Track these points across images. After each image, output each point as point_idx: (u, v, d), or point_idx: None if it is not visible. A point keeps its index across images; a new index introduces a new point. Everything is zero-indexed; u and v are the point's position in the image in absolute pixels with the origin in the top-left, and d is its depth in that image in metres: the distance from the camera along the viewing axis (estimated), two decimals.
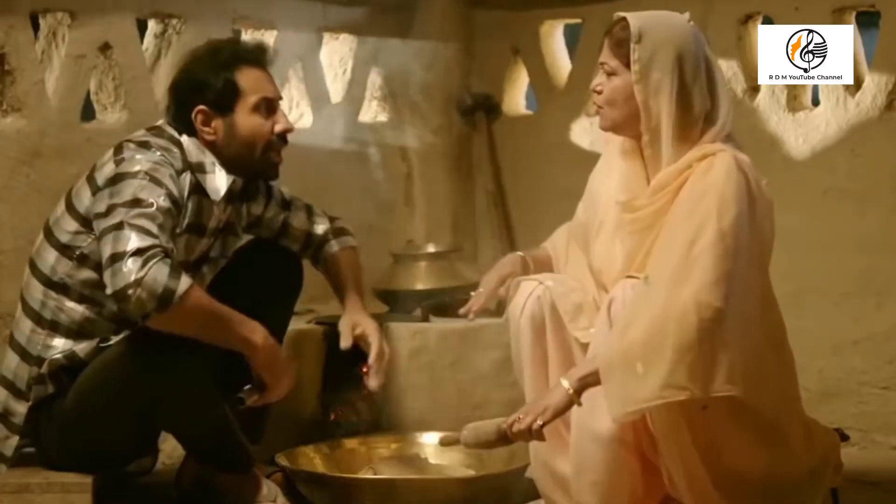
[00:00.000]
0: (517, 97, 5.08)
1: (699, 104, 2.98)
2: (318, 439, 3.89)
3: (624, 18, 3.01)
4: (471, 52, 5.04)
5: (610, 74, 3.03)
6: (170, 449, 3.71)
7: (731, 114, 3.04)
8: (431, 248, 4.56)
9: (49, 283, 3.28)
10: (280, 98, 3.43)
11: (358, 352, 3.62)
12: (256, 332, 3.22)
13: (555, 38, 4.92)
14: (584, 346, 3.05)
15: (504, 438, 2.98)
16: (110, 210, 3.14)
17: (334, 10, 4.76)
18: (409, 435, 3.88)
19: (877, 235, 4.08)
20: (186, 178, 3.30)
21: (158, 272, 3.02)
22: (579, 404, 2.91)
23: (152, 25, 4.37)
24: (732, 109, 3.06)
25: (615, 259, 3.05)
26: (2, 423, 3.34)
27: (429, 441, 3.81)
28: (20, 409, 3.31)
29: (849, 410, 4.11)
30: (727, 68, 4.34)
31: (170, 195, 3.18)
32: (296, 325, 4.19)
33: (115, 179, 3.19)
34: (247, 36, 4.63)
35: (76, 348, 3.26)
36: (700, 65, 2.98)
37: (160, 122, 3.41)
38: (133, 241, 3.05)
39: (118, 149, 3.28)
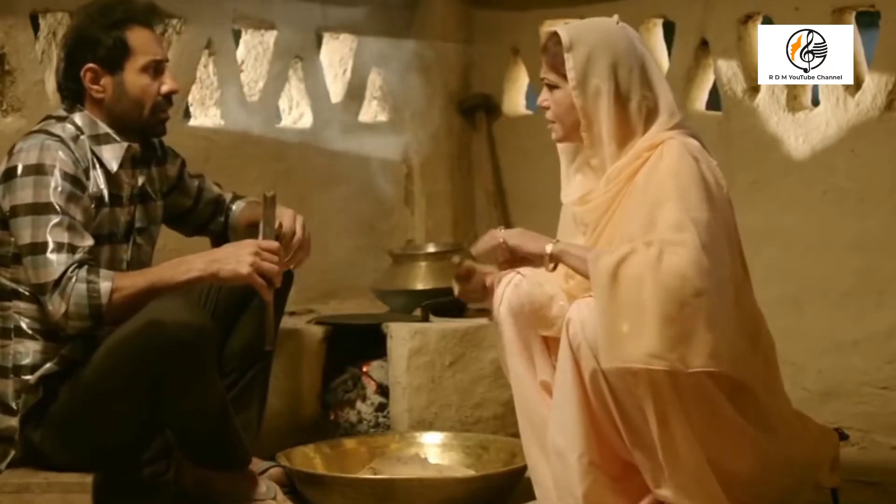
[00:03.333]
0: (517, 97, 5.08)
1: (637, 103, 3.03)
2: (318, 439, 3.89)
3: (556, 32, 3.07)
4: (471, 52, 5.03)
5: (552, 88, 3.09)
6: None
7: (675, 105, 3.08)
8: (431, 248, 4.56)
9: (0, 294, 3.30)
10: (167, 60, 3.43)
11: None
12: (193, 267, 3.23)
13: None
14: (553, 341, 3.10)
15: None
16: (15, 213, 3.19)
17: (334, 10, 4.76)
18: (409, 435, 3.88)
19: (877, 235, 4.08)
20: (85, 143, 3.31)
21: (78, 297, 3.14)
22: (549, 269, 3.02)
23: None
24: (674, 100, 3.09)
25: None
26: (6, 432, 3.32)
27: (429, 441, 3.82)
28: (13, 423, 3.30)
29: (849, 410, 4.11)
30: (727, 68, 4.34)
31: (65, 174, 3.22)
32: (296, 325, 4.19)
33: (8, 174, 3.23)
34: (247, 36, 4.64)
35: (63, 351, 3.27)
36: (633, 64, 3.04)
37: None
38: (51, 268, 3.15)
39: (13, 146, 3.30)
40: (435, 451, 3.78)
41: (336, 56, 4.88)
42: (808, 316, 4.12)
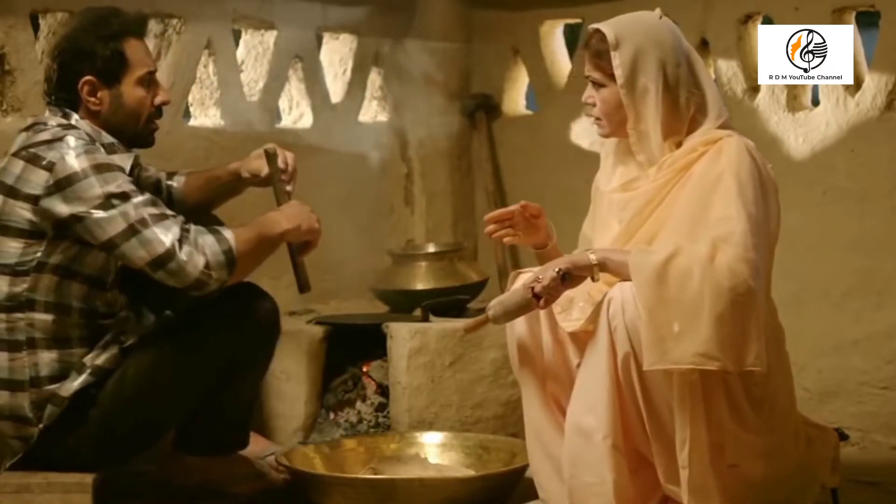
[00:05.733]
0: (517, 97, 5.07)
1: (685, 99, 3.02)
2: (318, 439, 3.89)
3: (599, 30, 3.05)
4: (471, 52, 5.03)
5: (598, 86, 3.08)
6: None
7: (722, 102, 3.08)
8: (431, 248, 4.57)
9: (10, 307, 3.26)
10: (156, 70, 3.46)
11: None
12: (281, 222, 3.33)
13: (555, 38, 4.92)
14: (573, 336, 3.08)
15: (532, 300, 2.98)
16: (89, 214, 3.17)
17: (334, 10, 4.76)
18: (409, 435, 3.88)
19: (877, 235, 4.08)
20: (102, 151, 3.32)
21: (211, 246, 3.19)
22: (594, 279, 2.95)
23: (152, 25, 4.37)
24: (721, 97, 3.10)
25: (612, 240, 3.08)
26: (20, 441, 3.33)
27: (429, 441, 3.82)
28: (31, 433, 3.29)
29: (849, 410, 4.11)
30: (727, 68, 4.35)
31: (118, 166, 3.24)
32: (296, 325, 4.20)
33: (66, 182, 3.19)
34: (247, 36, 4.64)
35: (98, 362, 3.28)
36: (681, 61, 3.03)
37: (31, 119, 3.39)
38: (166, 234, 3.16)
39: (34, 157, 3.23)
40: (435, 451, 3.78)
41: (336, 56, 4.88)
42: (808, 316, 4.12)
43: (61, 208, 3.18)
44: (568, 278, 2.95)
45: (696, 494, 2.91)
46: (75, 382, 3.27)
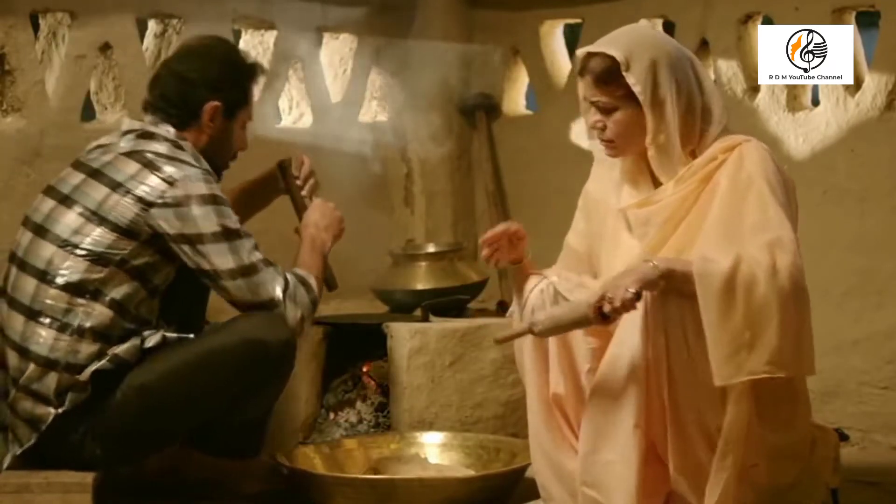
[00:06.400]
0: (517, 97, 5.07)
1: (697, 103, 3.02)
2: (318, 439, 3.89)
3: (597, 54, 3.01)
4: (471, 52, 5.03)
5: (609, 111, 3.04)
6: None
7: (723, 103, 3.08)
8: (431, 248, 4.57)
9: (77, 290, 3.29)
10: None
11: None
12: (325, 239, 3.53)
13: (555, 38, 4.92)
14: (582, 342, 3.06)
15: (595, 319, 2.90)
16: (201, 240, 3.29)
17: (334, 10, 4.76)
18: (409, 435, 3.88)
19: (877, 235, 4.08)
20: None
21: (304, 299, 3.40)
22: (659, 285, 2.87)
23: (152, 25, 4.38)
24: (722, 99, 3.10)
25: (634, 255, 3.05)
26: (30, 427, 3.33)
27: (429, 441, 3.82)
28: (46, 414, 3.30)
29: (849, 410, 4.11)
30: (727, 68, 4.35)
31: (228, 202, 3.39)
32: None
33: (182, 201, 3.29)
34: (247, 36, 4.64)
35: (118, 351, 3.30)
36: (686, 65, 3.03)
37: (138, 125, 3.45)
38: (273, 284, 3.34)
39: (152, 164, 3.33)
40: (435, 451, 3.78)
41: (336, 56, 4.87)
42: None
43: (174, 223, 3.29)
44: (640, 296, 2.88)
45: (713, 491, 2.90)
46: (93, 367, 3.28)
